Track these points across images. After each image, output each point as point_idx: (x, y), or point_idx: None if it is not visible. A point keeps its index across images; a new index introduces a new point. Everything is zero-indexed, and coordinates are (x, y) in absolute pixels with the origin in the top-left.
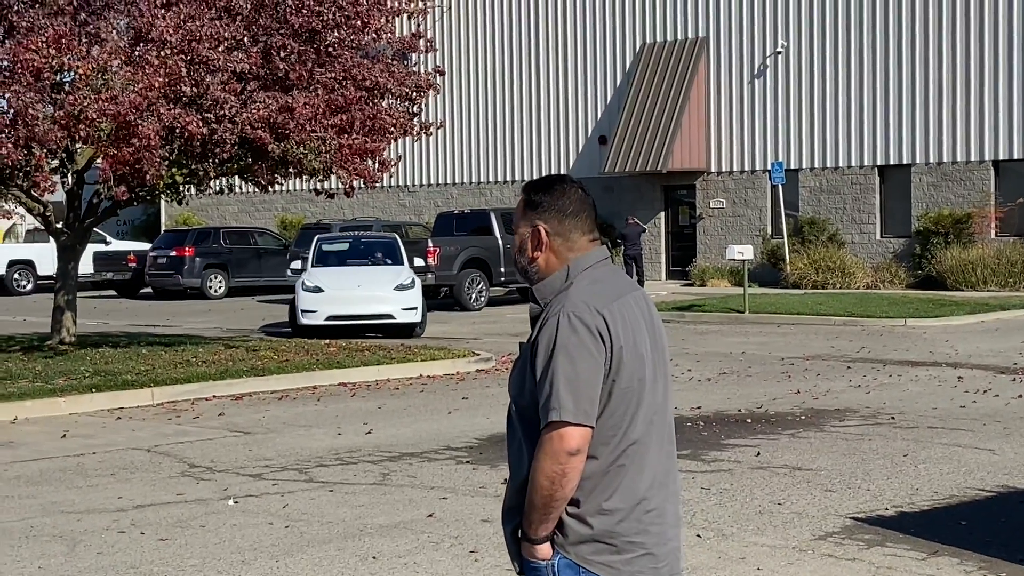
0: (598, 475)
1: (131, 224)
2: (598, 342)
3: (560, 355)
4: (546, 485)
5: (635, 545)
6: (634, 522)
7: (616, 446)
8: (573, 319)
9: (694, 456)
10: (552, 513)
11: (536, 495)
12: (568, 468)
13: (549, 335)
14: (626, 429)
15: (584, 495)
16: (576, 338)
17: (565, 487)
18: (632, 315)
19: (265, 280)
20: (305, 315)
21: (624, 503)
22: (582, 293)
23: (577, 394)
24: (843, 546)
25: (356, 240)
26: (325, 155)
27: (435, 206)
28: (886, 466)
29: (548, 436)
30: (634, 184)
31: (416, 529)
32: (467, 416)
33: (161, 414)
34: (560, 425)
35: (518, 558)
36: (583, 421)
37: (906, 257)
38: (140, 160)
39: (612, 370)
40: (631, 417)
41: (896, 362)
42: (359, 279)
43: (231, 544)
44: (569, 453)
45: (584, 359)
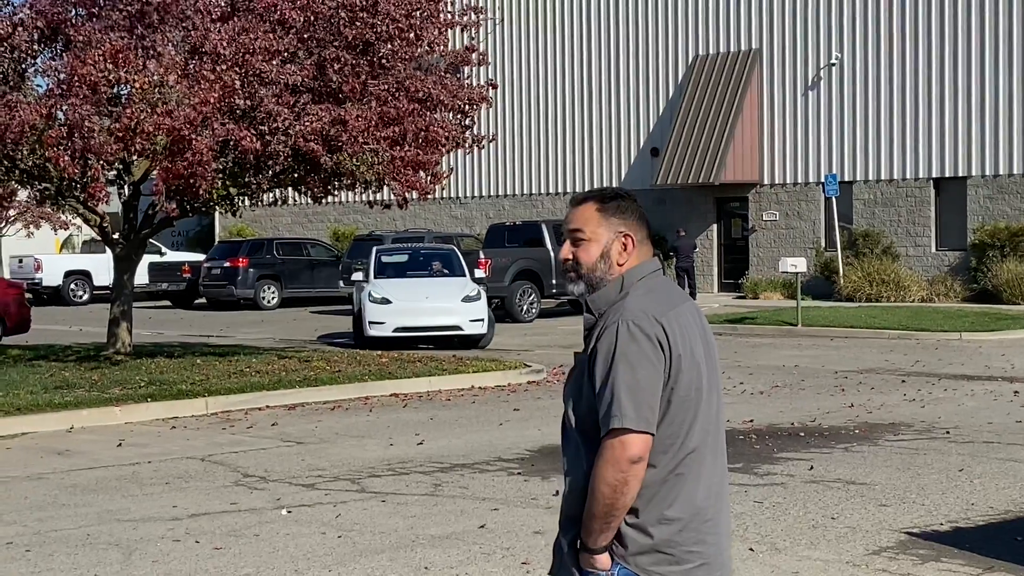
0: (657, 484)
1: (186, 235)
2: (657, 350)
3: (620, 363)
4: (607, 493)
5: (694, 555)
6: (693, 532)
7: (675, 455)
8: (632, 327)
9: (747, 469)
10: (613, 522)
11: (597, 504)
12: (630, 476)
13: (609, 344)
14: (684, 438)
15: (643, 504)
16: (636, 346)
17: (626, 495)
18: (688, 325)
19: (318, 291)
20: (373, 327)
21: (684, 512)
22: (639, 302)
23: (638, 401)
24: (897, 561)
25: (415, 252)
26: (378, 167)
27: (487, 217)
28: (941, 481)
29: (610, 443)
30: (686, 196)
31: (468, 540)
32: (518, 427)
33: (215, 424)
34: (622, 432)
35: (572, 568)
36: (644, 428)
37: (961, 270)
38: (194, 175)
39: (671, 378)
40: (689, 426)
41: (951, 376)
42: (426, 291)
43: (284, 553)
44: (631, 461)
45: (644, 367)
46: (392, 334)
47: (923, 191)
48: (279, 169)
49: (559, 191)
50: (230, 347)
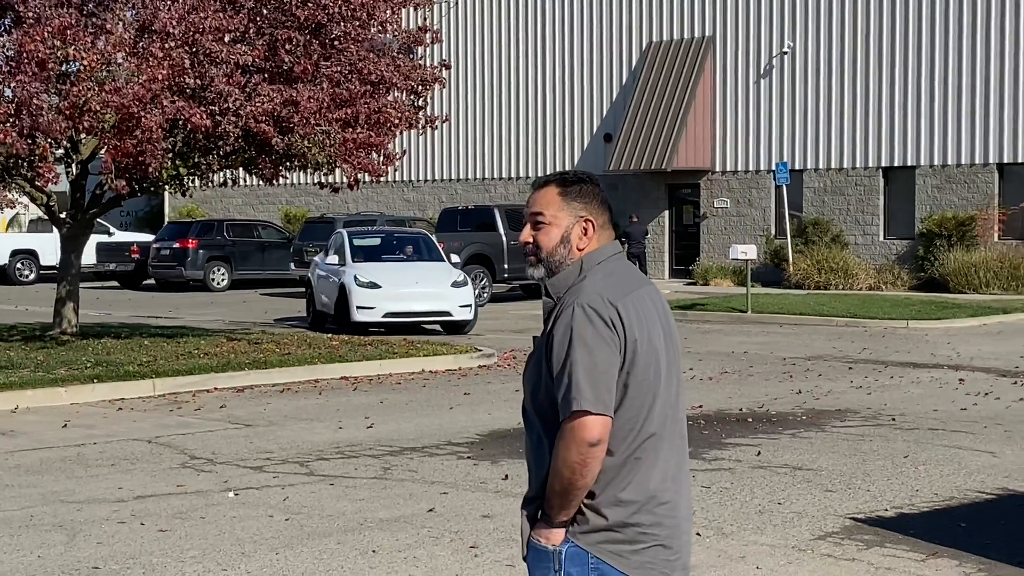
0: (615, 468)
1: (134, 215)
2: (613, 333)
3: (578, 346)
4: (567, 475)
5: (648, 536)
6: (647, 514)
7: (634, 439)
8: (588, 310)
9: (695, 455)
10: (573, 501)
11: (557, 484)
12: (589, 457)
13: (565, 327)
14: (643, 423)
15: (600, 487)
16: (592, 329)
17: (586, 476)
18: (646, 309)
19: (268, 273)
20: (361, 311)
21: (639, 495)
22: (596, 285)
23: (596, 384)
24: (842, 546)
25: (389, 236)
26: (329, 149)
27: (439, 201)
28: (886, 467)
29: (569, 426)
30: (638, 183)
31: (416, 524)
32: (468, 412)
33: (162, 405)
34: (581, 414)
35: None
36: (603, 411)
37: (909, 259)
38: (143, 152)
39: (627, 362)
40: (647, 410)
41: (898, 364)
42: (414, 276)
43: (231, 536)
44: (590, 443)
45: (601, 349)
46: (382, 319)
47: (872, 180)
48: (230, 149)
49: (512, 176)
50: (178, 328)
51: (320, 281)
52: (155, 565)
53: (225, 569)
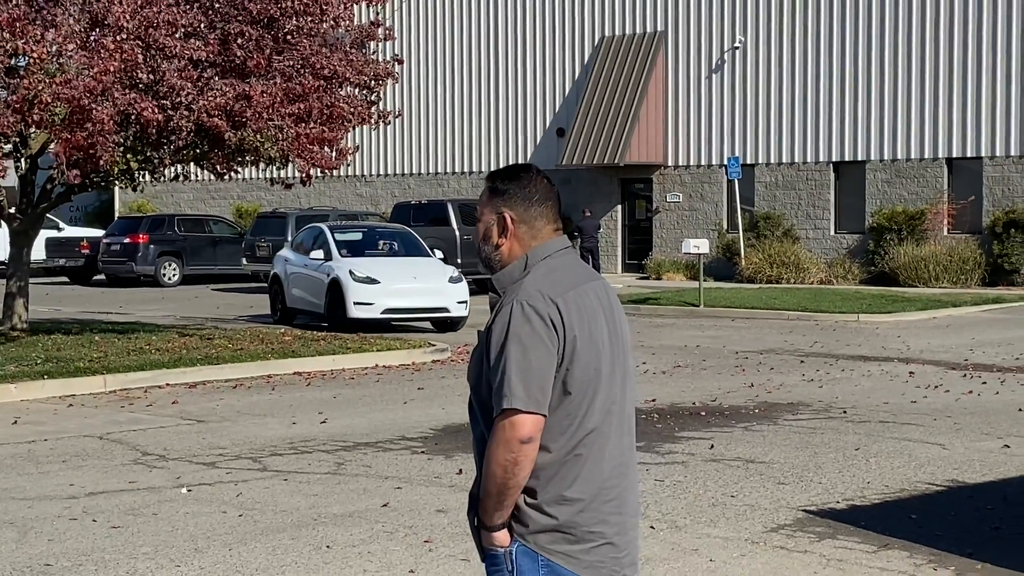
0: (555, 465)
1: (84, 210)
2: (551, 331)
3: (512, 343)
4: (499, 473)
5: (595, 535)
6: (594, 512)
7: (572, 436)
8: (526, 307)
9: (648, 448)
10: (506, 500)
11: (490, 483)
12: (520, 456)
13: (502, 323)
14: (582, 419)
15: (541, 485)
16: (529, 327)
17: (518, 475)
18: (589, 305)
19: (220, 268)
20: (359, 307)
21: (585, 493)
22: (537, 282)
23: (528, 382)
24: (795, 538)
25: (371, 230)
26: (282, 143)
27: (392, 196)
28: (838, 459)
29: (500, 424)
30: (591, 177)
31: (370, 519)
32: (422, 406)
33: (113, 401)
34: (511, 413)
35: (477, 546)
36: (534, 409)
37: (860, 253)
38: (94, 145)
39: (565, 359)
40: (587, 407)
41: (849, 357)
42: (411, 271)
43: (184, 532)
44: (521, 441)
45: (536, 348)
46: (380, 316)
47: (823, 174)
48: (182, 144)
49: (465, 170)
50: (129, 324)
51: (295, 276)
52: (107, 562)
53: (178, 565)
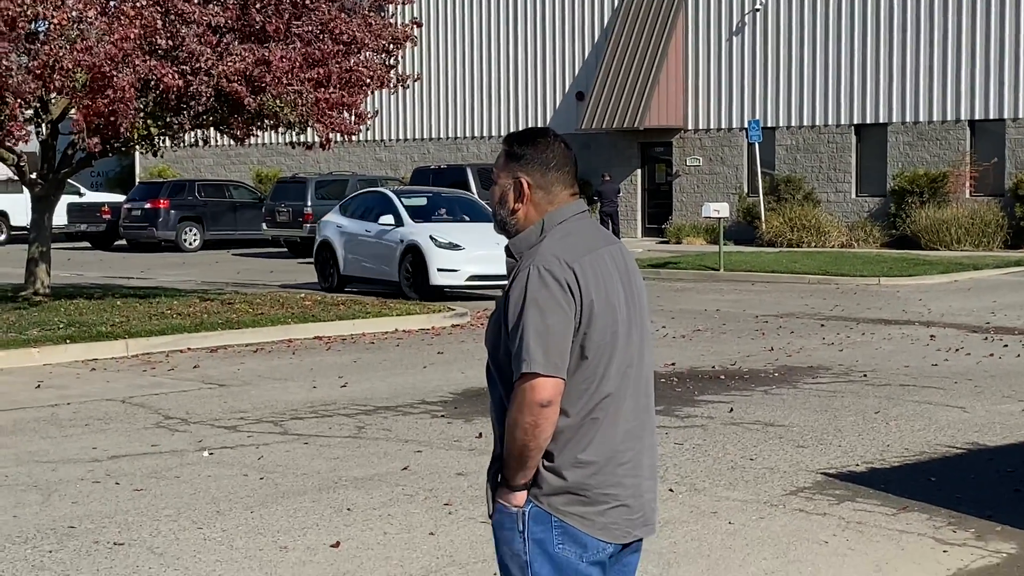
0: (572, 429)
1: (105, 176)
2: (568, 295)
3: (531, 308)
4: (520, 436)
5: (609, 497)
6: (608, 475)
7: (589, 400)
8: (543, 272)
9: (668, 412)
10: (529, 463)
11: (512, 446)
12: (541, 419)
13: (520, 288)
14: (599, 383)
15: (558, 448)
16: (546, 291)
17: (539, 438)
18: (605, 269)
19: (240, 233)
20: (442, 274)
21: (599, 456)
22: (554, 246)
23: (547, 346)
24: (814, 501)
25: (435, 196)
26: (301, 108)
27: (411, 161)
28: (857, 423)
29: (520, 388)
30: (611, 141)
31: (391, 482)
32: (442, 370)
33: (135, 366)
34: (531, 377)
35: (489, 500)
36: (554, 373)
37: (881, 216)
38: (115, 112)
39: (583, 323)
40: (604, 370)
41: (869, 320)
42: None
43: (206, 495)
44: (541, 404)
45: (554, 312)
46: (466, 283)
47: (844, 137)
48: (201, 109)
49: (484, 135)
50: (151, 289)
51: (352, 243)
52: (130, 524)
53: (200, 527)
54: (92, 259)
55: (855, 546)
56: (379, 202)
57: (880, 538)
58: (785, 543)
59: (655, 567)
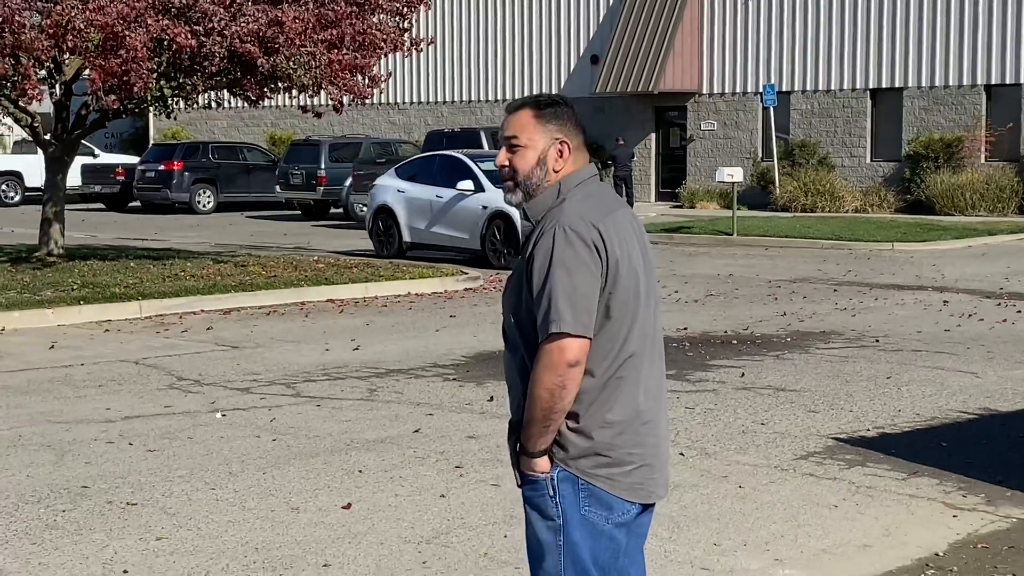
0: (597, 389)
1: (119, 137)
2: (594, 255)
3: (557, 268)
4: (545, 397)
5: (634, 456)
6: (632, 434)
7: (614, 360)
8: (569, 232)
9: (679, 376)
10: (551, 426)
11: (536, 408)
12: (567, 380)
13: (545, 249)
14: (623, 342)
15: (583, 409)
16: (572, 251)
17: (564, 399)
18: (625, 230)
19: (254, 196)
20: None
21: (624, 415)
22: (576, 208)
23: (575, 306)
24: (824, 466)
25: None
26: (315, 70)
27: (425, 124)
28: (869, 388)
29: (547, 348)
30: (625, 105)
31: (402, 444)
32: (454, 334)
33: (149, 327)
34: (559, 337)
35: (515, 471)
36: (582, 332)
37: (896, 181)
38: (128, 72)
39: (608, 283)
40: (627, 331)
41: (882, 286)
42: None
43: (219, 456)
44: (568, 364)
45: (581, 272)
46: None
47: (859, 102)
48: (215, 70)
49: (498, 98)
50: (164, 251)
51: (419, 208)
52: (143, 484)
53: (213, 488)
54: (106, 220)
55: (865, 510)
56: (452, 166)
57: (890, 502)
58: (795, 507)
59: (665, 530)
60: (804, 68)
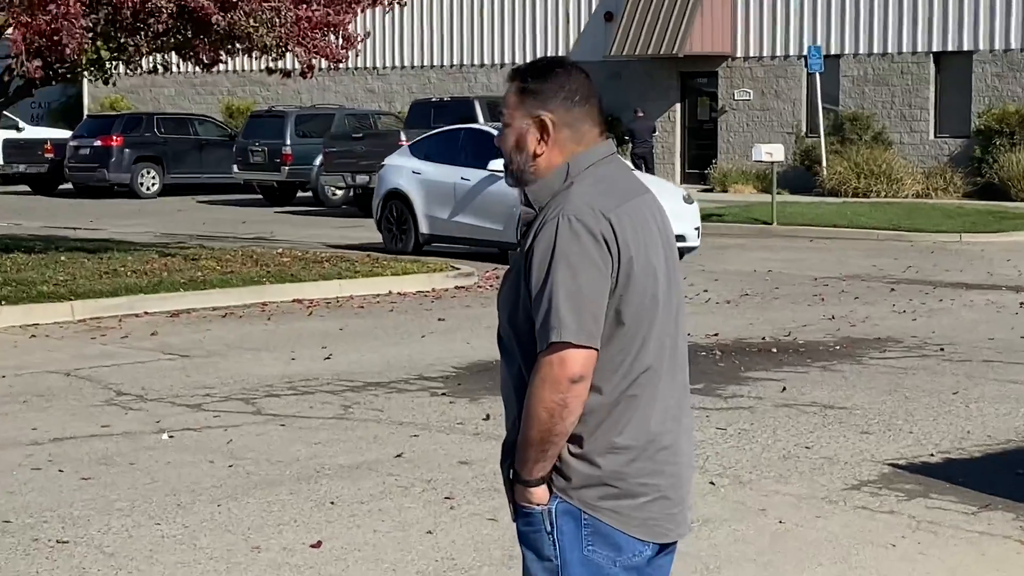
0: (605, 408)
1: (48, 108)
2: (604, 250)
3: (560, 265)
4: (544, 418)
5: (648, 487)
6: (647, 461)
7: (626, 374)
8: (575, 223)
9: (709, 391)
10: (550, 450)
11: (533, 429)
12: (570, 397)
13: (547, 242)
14: (637, 354)
15: (588, 431)
16: (578, 245)
17: (566, 419)
18: (643, 222)
19: (207, 177)
20: None
21: (637, 440)
22: (585, 194)
23: (580, 311)
24: (880, 497)
25: None
26: (279, 29)
27: (409, 92)
28: (932, 405)
29: (547, 360)
30: (645, 70)
31: (382, 471)
32: (443, 340)
33: (83, 332)
34: (561, 347)
35: (509, 502)
36: (586, 342)
37: (964, 161)
38: (58, 30)
39: (619, 284)
40: (642, 340)
41: (948, 284)
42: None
43: (165, 485)
44: (571, 380)
45: (587, 270)
46: None
47: (921, 67)
48: (161, 29)
49: (495, 62)
50: (101, 242)
51: (441, 194)
52: (76, 518)
53: (158, 523)
54: (32, 205)
55: (928, 550)
56: (481, 142)
57: (957, 541)
58: (845, 546)
59: (693, 573)
60: (856, 28)
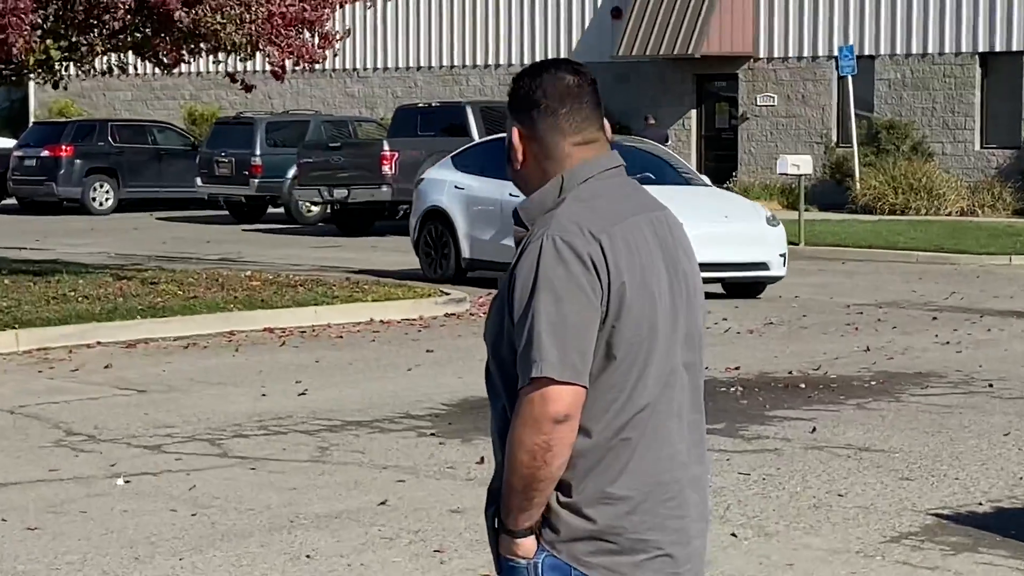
0: (596, 451)
1: None
2: (592, 275)
3: (543, 292)
4: (526, 461)
5: (647, 544)
6: (647, 514)
7: (618, 413)
8: (560, 244)
9: (730, 432)
10: (536, 498)
11: (515, 475)
12: (554, 439)
13: (529, 266)
14: (632, 391)
15: (577, 479)
16: (564, 269)
17: (551, 464)
18: (642, 243)
19: (167, 191)
20: None
21: (634, 489)
22: (574, 212)
23: (564, 343)
24: (922, 550)
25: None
26: (249, 25)
27: (393, 97)
28: (980, 448)
29: (528, 398)
30: (657, 72)
31: (364, 521)
32: (432, 375)
33: (28, 364)
34: (543, 383)
35: (494, 553)
36: (572, 378)
37: (1013, 174)
38: (4, 27)
39: (611, 313)
40: (638, 375)
41: (997, 312)
42: (717, 207)
43: (121, 536)
44: (554, 420)
45: (573, 298)
46: None
47: (966, 70)
48: (117, 26)
49: (488, 62)
50: (49, 263)
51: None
52: (20, 573)
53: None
54: None
55: None
56: None
57: None
58: None
59: None
60: (893, 26)
